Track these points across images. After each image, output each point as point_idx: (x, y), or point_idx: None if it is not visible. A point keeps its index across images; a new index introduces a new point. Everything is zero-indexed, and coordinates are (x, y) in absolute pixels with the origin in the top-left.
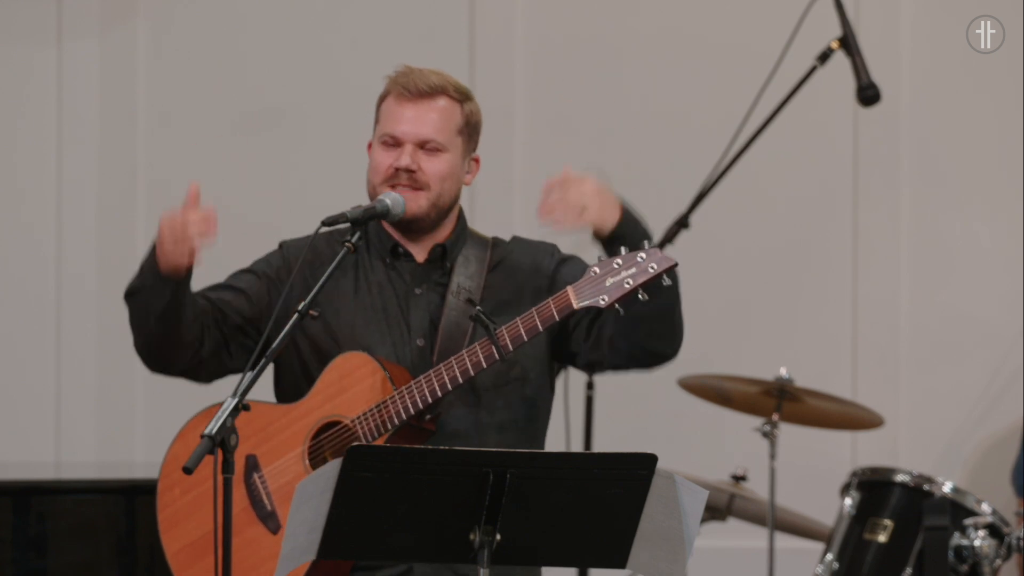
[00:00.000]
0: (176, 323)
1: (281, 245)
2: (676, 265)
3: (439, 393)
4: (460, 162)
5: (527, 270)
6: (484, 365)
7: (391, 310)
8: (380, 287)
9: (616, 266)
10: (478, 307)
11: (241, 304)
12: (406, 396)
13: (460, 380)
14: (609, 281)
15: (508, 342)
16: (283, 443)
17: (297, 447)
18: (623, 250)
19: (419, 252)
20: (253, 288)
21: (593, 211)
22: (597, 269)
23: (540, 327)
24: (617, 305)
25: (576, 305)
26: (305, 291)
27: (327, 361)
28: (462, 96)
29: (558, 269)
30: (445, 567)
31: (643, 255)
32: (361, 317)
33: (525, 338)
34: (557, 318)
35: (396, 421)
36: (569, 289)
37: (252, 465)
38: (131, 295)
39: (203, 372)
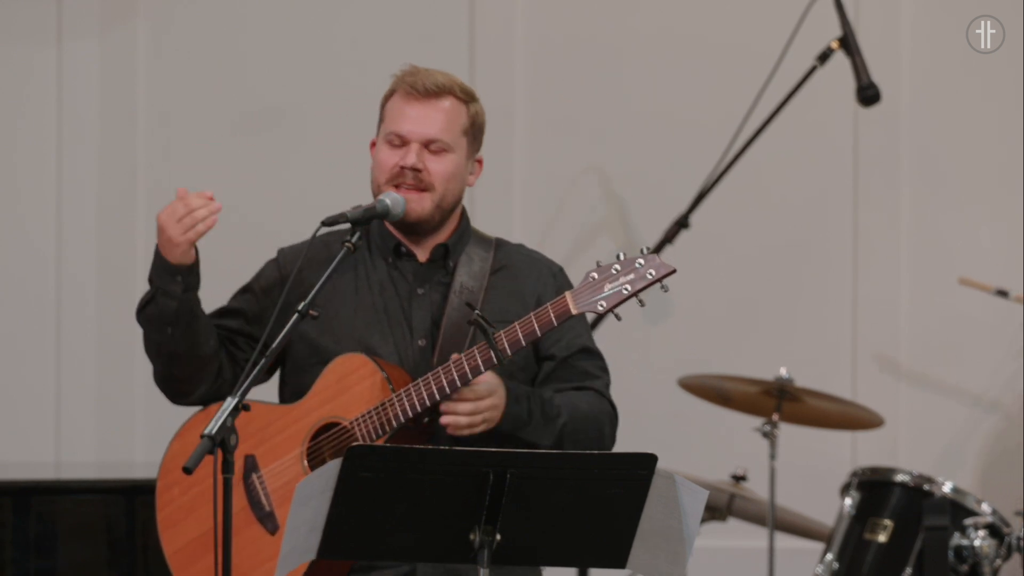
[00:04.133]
0: (193, 329)
1: (279, 253)
2: (674, 271)
3: (437, 396)
4: (464, 163)
5: (529, 280)
6: (483, 369)
7: (393, 310)
8: (382, 287)
9: (614, 272)
10: (477, 311)
11: (241, 324)
12: (404, 399)
13: (459, 384)
14: (607, 287)
15: (507, 347)
16: (282, 444)
17: (296, 448)
18: (621, 255)
19: (421, 252)
20: (248, 306)
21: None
22: (595, 275)
23: (539, 333)
24: (614, 312)
25: (574, 311)
26: (306, 293)
27: (327, 362)
28: (468, 97)
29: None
30: (446, 568)
31: (641, 260)
32: (362, 318)
33: (523, 343)
34: (555, 323)
35: (395, 423)
36: (567, 295)
37: (251, 465)
38: (143, 308)
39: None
